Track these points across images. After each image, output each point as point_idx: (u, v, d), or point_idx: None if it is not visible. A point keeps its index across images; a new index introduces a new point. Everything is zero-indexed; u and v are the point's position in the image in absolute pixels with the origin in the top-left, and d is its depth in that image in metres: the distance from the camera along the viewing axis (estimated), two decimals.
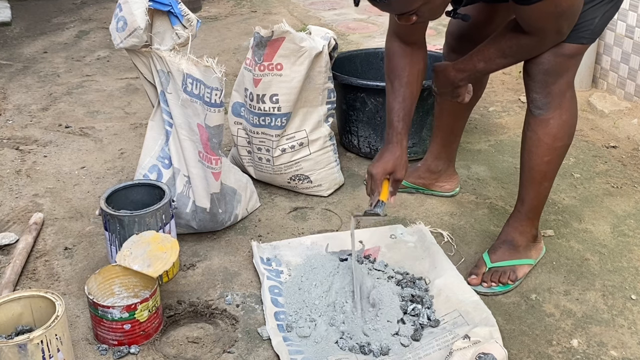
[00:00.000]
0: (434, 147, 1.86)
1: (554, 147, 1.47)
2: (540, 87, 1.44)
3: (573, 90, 1.48)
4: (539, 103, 1.45)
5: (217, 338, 1.40)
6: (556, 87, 1.43)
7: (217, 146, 1.60)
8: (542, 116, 1.46)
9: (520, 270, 1.56)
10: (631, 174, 2.05)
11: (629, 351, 1.36)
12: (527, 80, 1.47)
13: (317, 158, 1.90)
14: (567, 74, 1.44)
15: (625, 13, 2.45)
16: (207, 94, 1.54)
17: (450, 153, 1.87)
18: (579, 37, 1.40)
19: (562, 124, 1.46)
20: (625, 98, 2.49)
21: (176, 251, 1.43)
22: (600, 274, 1.60)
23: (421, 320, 1.40)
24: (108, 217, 1.51)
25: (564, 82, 1.43)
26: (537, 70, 1.43)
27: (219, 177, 1.64)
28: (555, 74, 1.42)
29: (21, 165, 2.14)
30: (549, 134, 1.46)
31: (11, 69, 3.00)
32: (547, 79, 1.42)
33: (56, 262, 1.65)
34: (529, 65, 1.45)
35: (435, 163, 1.87)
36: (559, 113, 1.45)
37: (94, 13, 3.87)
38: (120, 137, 2.32)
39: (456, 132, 1.85)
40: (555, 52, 1.40)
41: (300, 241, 1.69)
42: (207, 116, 1.56)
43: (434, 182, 1.88)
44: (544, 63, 1.42)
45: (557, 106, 1.44)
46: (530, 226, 1.58)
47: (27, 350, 1.18)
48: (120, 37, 1.58)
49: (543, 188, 1.54)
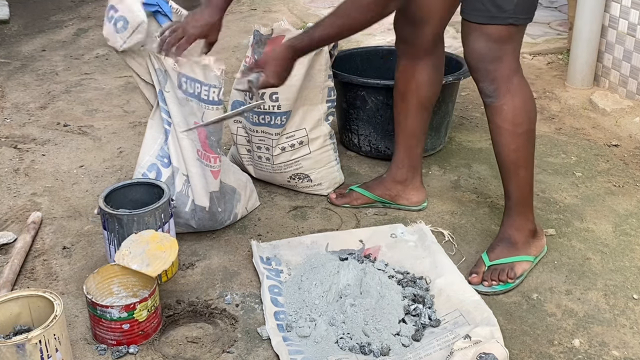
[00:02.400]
0: (397, 155, 1.81)
1: (517, 132, 1.49)
2: (483, 76, 1.47)
3: (520, 75, 1.50)
4: (487, 91, 1.49)
5: (217, 338, 1.40)
6: (499, 74, 1.46)
7: (216, 144, 1.59)
8: (494, 104, 1.49)
9: (519, 267, 1.55)
10: (633, 173, 2.04)
11: (631, 351, 1.36)
12: (470, 72, 1.51)
13: (317, 157, 1.89)
14: (507, 59, 1.46)
15: (627, 11, 2.44)
16: (205, 92, 1.53)
17: (414, 159, 1.80)
18: (504, 17, 1.42)
19: (516, 108, 1.48)
20: (627, 96, 2.48)
21: (175, 250, 1.43)
22: (602, 273, 1.59)
23: (422, 320, 1.40)
24: (107, 216, 1.50)
25: (505, 68, 1.46)
26: (473, 59, 1.47)
27: (218, 175, 1.63)
28: (492, 60, 1.45)
29: (19, 164, 2.13)
30: (507, 120, 1.48)
31: (9, 67, 2.99)
32: (487, 67, 1.46)
33: (54, 261, 1.65)
34: (466, 56, 1.50)
35: (399, 172, 1.81)
36: (510, 98, 1.47)
37: (93, 11, 3.86)
38: (119, 136, 2.31)
39: (418, 136, 1.79)
40: (484, 36, 1.44)
41: (300, 240, 1.68)
42: (204, 114, 1.55)
43: (400, 194, 1.82)
44: (476, 50, 1.46)
45: (505, 91, 1.47)
46: (524, 220, 1.57)
47: (25, 350, 1.18)
48: (123, 37, 1.55)
49: (521, 177, 1.54)
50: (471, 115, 2.44)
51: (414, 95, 1.72)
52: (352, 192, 1.86)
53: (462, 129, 2.34)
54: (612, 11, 2.51)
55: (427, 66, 1.70)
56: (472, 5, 1.45)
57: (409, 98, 1.73)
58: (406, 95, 1.73)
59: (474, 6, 1.44)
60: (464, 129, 2.34)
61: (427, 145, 2.11)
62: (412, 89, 1.72)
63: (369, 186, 1.85)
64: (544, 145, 2.21)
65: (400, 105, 1.76)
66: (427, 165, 2.09)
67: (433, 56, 1.70)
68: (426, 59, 1.69)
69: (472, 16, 1.46)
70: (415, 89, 1.71)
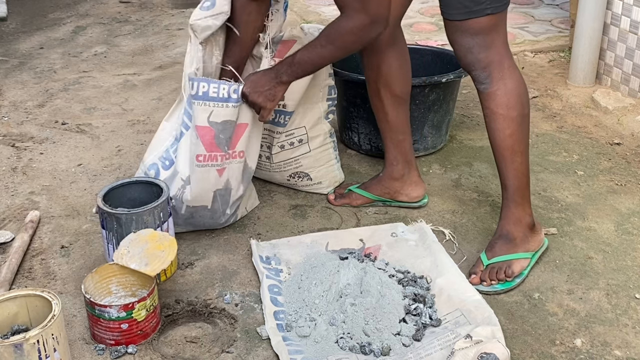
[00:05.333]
0: (389, 153, 1.80)
1: (511, 117, 1.51)
2: (475, 65, 1.50)
3: (510, 59, 1.52)
4: (480, 78, 1.51)
5: (216, 338, 1.39)
6: (490, 60, 1.49)
7: (224, 142, 1.57)
8: (487, 90, 1.51)
9: (517, 265, 1.54)
10: (635, 172, 2.03)
11: (633, 351, 1.35)
12: (462, 65, 1.54)
13: (317, 155, 1.88)
14: (495, 45, 1.49)
15: (630, 8, 2.42)
16: (214, 89, 1.52)
17: (405, 154, 1.79)
18: (481, 9, 1.45)
19: (509, 92, 1.50)
20: (630, 94, 2.47)
21: (174, 249, 1.42)
22: (604, 272, 1.58)
23: (423, 319, 1.39)
24: (105, 215, 1.49)
25: (495, 54, 1.49)
26: (461, 53, 1.50)
27: (223, 172, 1.61)
28: (481, 50, 1.48)
29: (17, 163, 2.12)
30: (501, 105, 1.50)
31: (7, 65, 2.97)
32: (478, 57, 1.48)
33: (52, 260, 1.64)
34: (455, 53, 1.52)
35: (395, 169, 1.80)
36: (502, 83, 1.50)
37: (91, 8, 3.85)
38: (117, 134, 2.30)
39: (402, 129, 1.78)
40: (465, 31, 1.47)
41: (299, 239, 1.67)
42: (212, 113, 1.54)
43: (399, 191, 1.81)
44: (463, 44, 1.49)
45: (498, 77, 1.49)
46: (521, 212, 1.56)
47: (23, 350, 1.17)
48: (201, 14, 1.58)
49: (517, 164, 1.54)
50: (472, 113, 2.43)
51: (387, 90, 1.72)
52: (351, 192, 1.85)
53: (463, 127, 2.33)
54: (614, 8, 2.50)
55: (391, 57, 1.70)
56: (449, 4, 1.48)
57: (383, 93, 1.73)
58: (379, 91, 1.73)
59: (451, 5, 1.47)
60: (465, 127, 2.33)
61: (427, 144, 2.10)
62: (382, 84, 1.72)
63: (367, 186, 1.84)
64: (545, 143, 2.20)
65: (376, 102, 1.76)
66: (428, 163, 2.08)
67: (395, 46, 1.70)
68: (388, 51, 1.69)
69: (451, 15, 1.49)
70: (385, 83, 1.71)
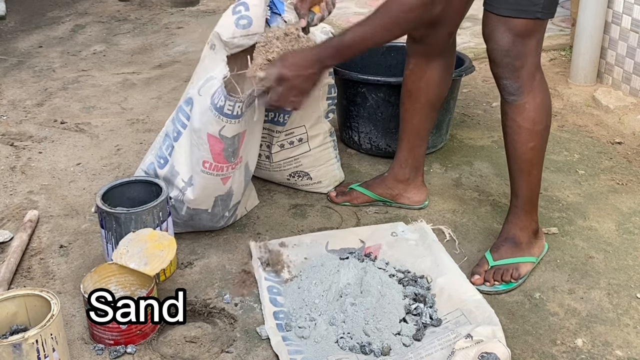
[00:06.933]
0: (400, 153, 1.79)
1: (535, 131, 1.48)
2: (509, 72, 1.44)
3: (541, 72, 1.48)
4: (511, 89, 1.45)
5: (215, 337, 1.38)
6: (524, 71, 1.43)
7: (232, 154, 1.56)
8: (517, 102, 1.46)
9: (524, 268, 1.54)
10: (636, 171, 2.03)
11: (635, 351, 1.35)
12: (493, 68, 1.47)
13: (317, 154, 1.87)
14: (532, 55, 1.44)
15: (631, 7, 2.42)
16: (229, 106, 1.50)
17: (417, 159, 1.79)
18: (532, 11, 1.39)
19: (538, 106, 1.46)
20: (631, 93, 2.46)
21: (173, 249, 1.42)
22: (605, 272, 1.58)
23: (423, 319, 1.38)
24: (104, 215, 1.49)
25: (531, 64, 1.43)
26: (498, 53, 1.43)
27: (228, 180, 1.60)
28: (518, 56, 1.42)
29: (16, 162, 2.11)
30: (528, 119, 1.46)
31: (5, 63, 2.97)
32: (514, 63, 1.42)
33: (51, 260, 1.63)
34: (490, 51, 1.45)
35: (402, 171, 1.79)
36: (532, 96, 1.46)
37: (90, 7, 3.84)
38: (116, 133, 2.29)
39: (422, 135, 1.77)
40: (509, 29, 1.40)
41: (299, 239, 1.66)
42: (224, 128, 1.52)
43: (402, 193, 1.80)
44: (501, 44, 1.41)
45: (529, 90, 1.45)
46: (529, 220, 1.56)
47: (21, 349, 1.17)
48: (236, 32, 1.54)
49: (533, 177, 1.53)
50: (473, 112, 2.43)
51: (423, 95, 1.69)
52: (353, 190, 1.85)
53: (464, 127, 2.32)
54: (615, 7, 2.49)
55: (439, 66, 1.67)
56: None
57: (418, 97, 1.70)
58: (415, 94, 1.70)
59: None
60: (466, 127, 2.32)
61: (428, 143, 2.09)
62: (421, 88, 1.69)
63: (369, 185, 1.84)
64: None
65: (408, 104, 1.72)
66: (429, 163, 2.07)
67: (445, 55, 1.68)
68: (438, 58, 1.66)
69: (499, 9, 1.40)
70: (425, 88, 1.69)
